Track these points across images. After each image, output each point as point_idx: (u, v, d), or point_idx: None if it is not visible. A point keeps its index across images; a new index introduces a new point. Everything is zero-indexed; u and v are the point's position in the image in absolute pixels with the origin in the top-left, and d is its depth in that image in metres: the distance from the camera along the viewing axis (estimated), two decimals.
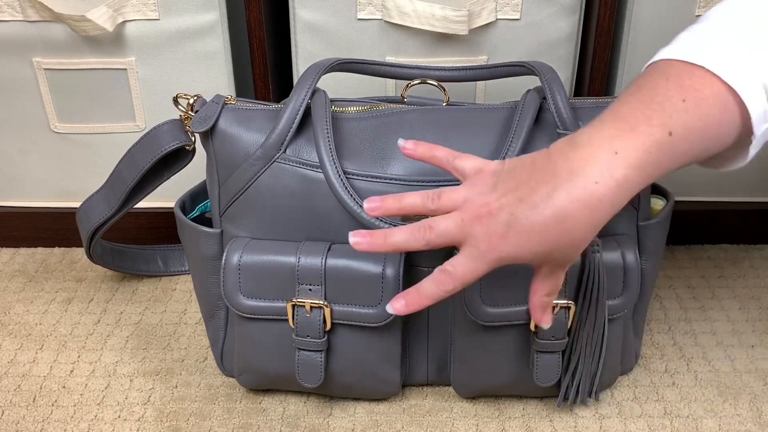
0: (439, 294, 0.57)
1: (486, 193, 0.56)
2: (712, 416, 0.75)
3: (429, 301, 0.58)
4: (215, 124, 0.71)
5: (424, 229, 0.57)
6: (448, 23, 0.86)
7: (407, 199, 0.59)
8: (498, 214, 0.54)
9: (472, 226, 0.55)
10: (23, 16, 0.88)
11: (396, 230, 0.58)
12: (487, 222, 0.54)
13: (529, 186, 0.54)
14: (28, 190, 1.02)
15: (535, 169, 0.55)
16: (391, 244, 0.58)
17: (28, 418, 0.76)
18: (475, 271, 0.56)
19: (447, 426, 0.74)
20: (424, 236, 0.57)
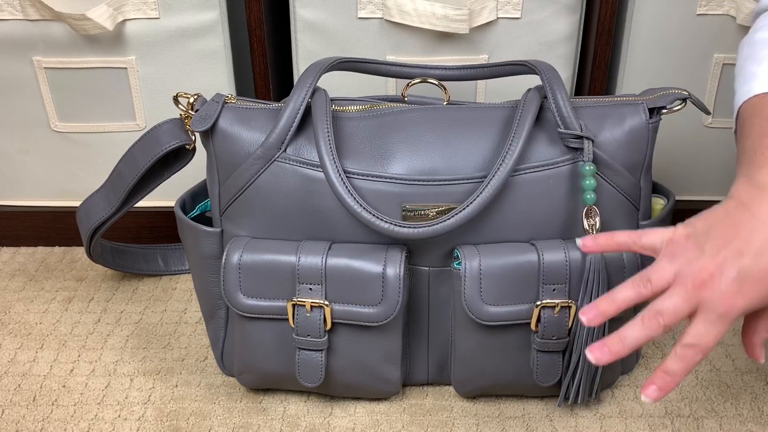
0: (688, 370, 0.56)
1: (696, 259, 0.56)
2: (713, 416, 0.75)
3: (680, 378, 0.56)
4: (215, 124, 0.71)
5: (654, 317, 0.56)
6: (448, 22, 0.86)
7: (620, 295, 0.58)
8: (723, 274, 0.54)
9: (700, 294, 0.55)
10: (23, 15, 0.88)
11: (629, 331, 0.57)
12: (714, 285, 0.54)
13: (741, 238, 0.55)
14: (28, 190, 1.02)
15: (736, 221, 0.56)
16: (629, 345, 0.57)
17: (28, 417, 0.76)
18: (719, 335, 0.55)
19: (447, 425, 0.74)
20: (659, 323, 0.56)
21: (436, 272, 0.72)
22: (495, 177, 0.67)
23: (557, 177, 0.69)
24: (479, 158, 0.70)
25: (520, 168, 0.69)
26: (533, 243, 0.69)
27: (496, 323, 0.69)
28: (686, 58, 0.91)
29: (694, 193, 1.01)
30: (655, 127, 0.72)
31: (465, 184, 0.69)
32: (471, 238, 0.70)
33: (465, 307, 0.69)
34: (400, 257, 0.69)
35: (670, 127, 0.93)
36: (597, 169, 0.69)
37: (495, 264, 0.68)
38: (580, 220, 0.70)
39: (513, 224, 0.70)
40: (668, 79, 0.92)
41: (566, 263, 0.68)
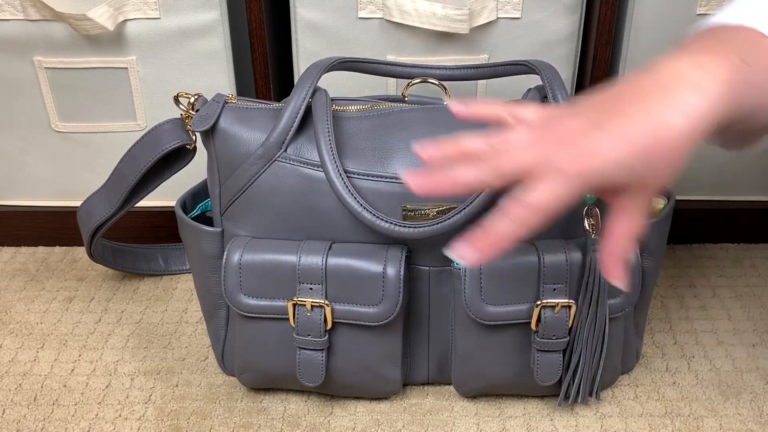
0: (518, 231, 0.48)
1: (561, 121, 0.50)
2: (713, 415, 0.75)
3: (507, 242, 0.48)
4: (216, 123, 0.71)
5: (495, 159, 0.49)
6: (449, 22, 0.86)
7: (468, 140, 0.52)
8: (584, 132, 0.48)
9: (553, 150, 0.48)
10: (24, 15, 0.88)
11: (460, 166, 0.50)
12: (571, 141, 0.48)
13: (615, 103, 0.49)
14: (28, 189, 1.02)
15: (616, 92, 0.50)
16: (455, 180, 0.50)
17: (29, 417, 0.76)
18: (560, 196, 0.48)
19: (448, 425, 0.74)
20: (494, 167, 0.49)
21: (437, 272, 0.72)
22: None
23: None
24: None
25: None
26: (533, 243, 0.69)
27: (496, 323, 0.69)
28: None
29: (694, 193, 1.01)
30: None
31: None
32: None
33: (465, 307, 0.69)
34: (401, 257, 0.69)
35: None
36: None
37: (495, 264, 0.68)
38: (581, 219, 0.70)
39: None
40: None
41: (566, 263, 0.68)
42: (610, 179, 0.48)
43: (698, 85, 0.48)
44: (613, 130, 0.48)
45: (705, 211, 1.01)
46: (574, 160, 0.48)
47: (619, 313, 0.71)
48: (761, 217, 1.01)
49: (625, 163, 0.48)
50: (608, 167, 0.48)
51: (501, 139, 0.51)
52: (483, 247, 0.49)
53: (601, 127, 0.48)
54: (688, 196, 1.00)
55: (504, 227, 0.48)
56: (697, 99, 0.48)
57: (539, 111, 0.54)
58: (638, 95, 0.49)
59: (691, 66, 0.49)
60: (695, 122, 0.48)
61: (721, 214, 1.01)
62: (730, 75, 0.49)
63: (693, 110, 0.48)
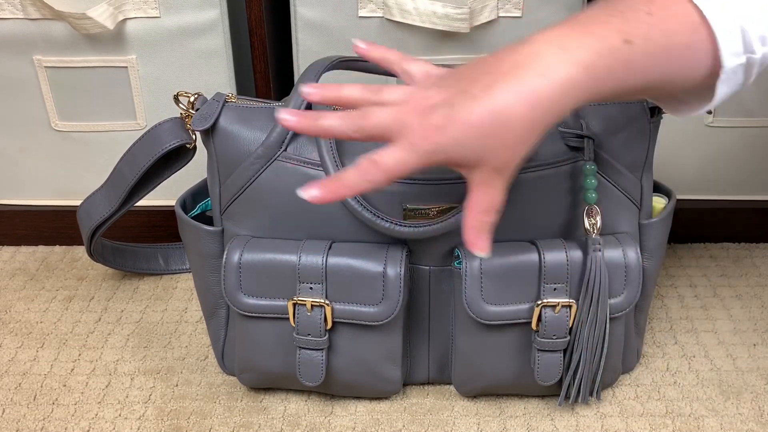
0: (362, 185, 0.52)
1: (428, 88, 0.52)
2: (714, 415, 0.75)
3: (349, 191, 0.52)
4: (216, 123, 0.71)
5: (358, 116, 0.52)
6: (449, 21, 0.86)
7: (347, 89, 0.55)
8: (437, 106, 0.50)
9: (409, 117, 0.51)
10: (24, 14, 0.88)
11: (328, 114, 0.53)
12: (425, 113, 0.51)
13: (472, 78, 0.51)
14: (28, 189, 1.02)
15: (481, 64, 0.52)
16: (320, 126, 0.54)
17: (28, 416, 0.76)
18: (405, 163, 0.51)
19: (448, 425, 0.74)
20: (356, 122, 0.52)
21: (437, 271, 0.72)
22: None
23: (558, 176, 0.69)
24: None
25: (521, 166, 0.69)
26: (534, 242, 0.69)
27: (496, 322, 0.69)
28: None
29: (695, 193, 1.01)
30: (656, 126, 0.72)
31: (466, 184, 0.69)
32: None
33: (466, 307, 0.69)
34: (401, 256, 0.69)
35: (671, 126, 0.93)
36: (598, 168, 0.69)
37: (496, 263, 0.68)
38: (581, 219, 0.70)
39: (514, 223, 0.70)
40: None
41: (567, 262, 0.68)
42: (453, 157, 0.51)
43: (548, 68, 0.49)
44: (458, 110, 0.49)
45: (705, 211, 1.01)
46: (422, 134, 0.50)
47: (620, 312, 0.71)
48: (762, 216, 1.01)
49: (465, 144, 0.50)
50: (450, 145, 0.50)
51: (377, 94, 0.54)
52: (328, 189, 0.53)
53: (452, 104, 0.50)
54: (688, 196, 1.00)
55: (351, 177, 0.52)
56: (542, 84, 0.48)
57: (424, 69, 0.56)
58: (493, 73, 0.50)
59: (550, 47, 0.50)
60: (538, 107, 0.48)
61: (721, 214, 1.01)
62: (596, 58, 0.49)
63: (536, 96, 0.48)
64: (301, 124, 0.54)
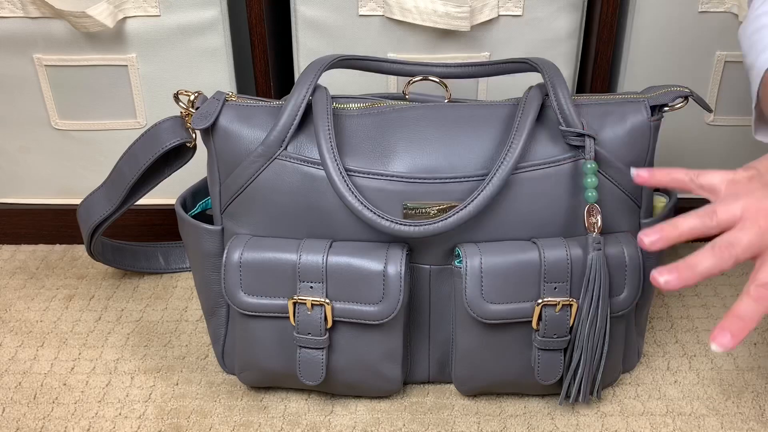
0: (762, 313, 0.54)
1: (765, 197, 0.54)
2: (715, 414, 0.75)
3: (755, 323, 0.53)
4: (216, 121, 0.71)
5: (727, 249, 0.54)
6: (450, 19, 0.86)
7: (684, 222, 0.56)
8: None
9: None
10: (24, 13, 0.88)
11: (699, 256, 0.54)
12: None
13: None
14: (28, 187, 1.02)
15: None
16: (700, 273, 0.54)
17: (28, 415, 0.76)
18: None
19: (448, 424, 0.74)
20: (730, 255, 0.54)
21: (437, 270, 0.72)
22: (496, 175, 0.67)
23: (559, 175, 0.69)
24: (480, 156, 0.69)
25: (521, 166, 0.69)
26: (534, 241, 0.69)
27: (497, 321, 0.69)
28: (688, 56, 0.91)
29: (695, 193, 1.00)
30: (657, 125, 0.72)
31: (466, 182, 0.69)
32: (472, 236, 0.70)
33: (466, 305, 0.68)
34: (401, 255, 0.69)
35: (672, 124, 0.93)
36: (599, 167, 0.69)
37: (496, 262, 0.68)
38: (582, 218, 0.70)
39: (514, 222, 0.70)
40: (670, 77, 0.91)
41: (567, 261, 0.68)
42: None
43: None
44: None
45: None
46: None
47: (621, 311, 0.71)
48: None
49: None
50: None
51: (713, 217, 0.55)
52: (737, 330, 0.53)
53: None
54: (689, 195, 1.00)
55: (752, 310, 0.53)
56: None
57: (724, 178, 0.58)
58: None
59: None
60: None
61: None
62: None
63: None
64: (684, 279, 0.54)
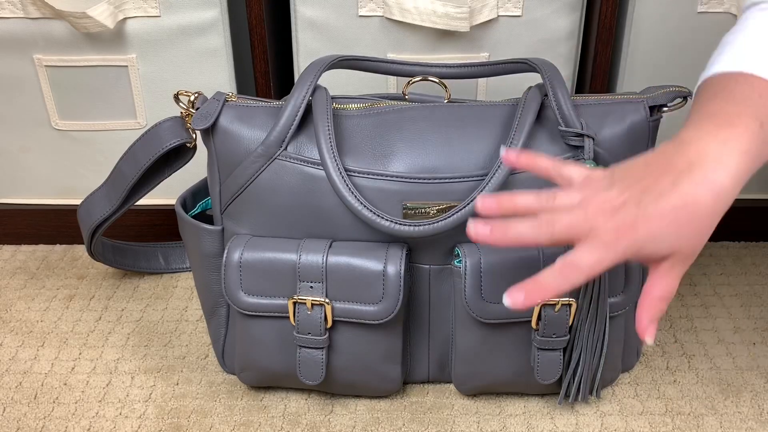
0: (563, 287, 0.55)
1: (604, 190, 0.56)
2: (714, 413, 0.75)
3: (551, 293, 0.55)
4: (216, 122, 0.71)
5: (547, 223, 0.55)
6: (449, 20, 0.86)
7: (523, 198, 0.58)
8: (624, 206, 0.54)
9: (596, 219, 0.54)
10: (24, 13, 0.88)
11: (518, 224, 0.56)
12: (612, 214, 0.54)
13: (651, 178, 0.55)
14: (29, 188, 1.02)
15: (650, 166, 0.56)
16: (511, 236, 0.56)
17: (29, 415, 0.76)
18: (601, 262, 0.54)
19: (448, 423, 0.74)
20: (547, 230, 0.55)
21: (437, 270, 0.72)
22: (496, 175, 0.67)
23: None
24: (480, 156, 0.70)
25: None
26: None
27: (496, 321, 0.69)
28: (687, 56, 0.91)
29: None
30: (656, 124, 0.72)
31: (466, 182, 0.69)
32: None
33: (465, 305, 0.69)
34: (401, 255, 0.69)
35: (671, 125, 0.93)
36: (598, 166, 0.69)
37: (495, 262, 0.68)
38: None
39: None
40: (669, 77, 0.91)
41: None
42: (647, 250, 0.54)
43: (721, 162, 0.54)
44: (648, 207, 0.53)
45: None
46: (615, 233, 0.54)
47: (620, 311, 0.71)
48: (762, 215, 1.01)
49: (660, 236, 0.54)
50: (645, 239, 0.54)
51: (551, 200, 0.57)
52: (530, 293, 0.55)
53: (638, 202, 0.54)
54: None
55: (552, 280, 0.55)
56: (721, 176, 0.54)
57: (582, 173, 0.59)
58: (669, 172, 0.54)
59: (712, 144, 0.55)
60: (721, 196, 0.54)
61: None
62: (750, 144, 0.55)
63: (719, 186, 0.54)
64: (494, 236, 0.56)
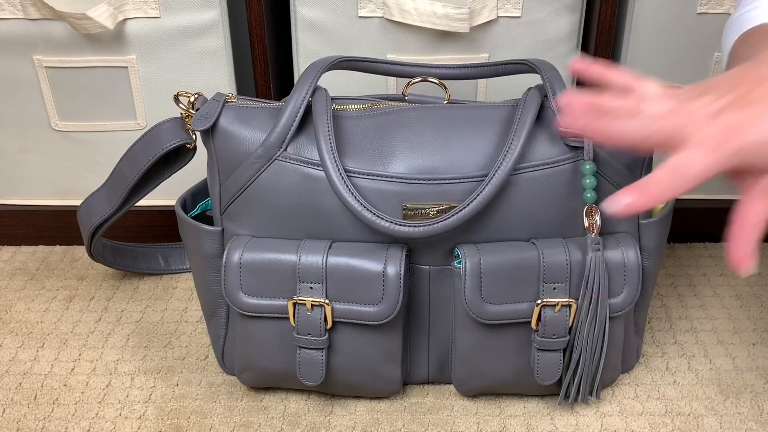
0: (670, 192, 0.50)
1: (696, 98, 0.51)
2: (713, 414, 0.75)
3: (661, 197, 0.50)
4: (216, 123, 0.71)
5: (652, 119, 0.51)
6: (449, 21, 0.86)
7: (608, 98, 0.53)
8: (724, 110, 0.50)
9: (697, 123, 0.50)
10: (24, 14, 0.88)
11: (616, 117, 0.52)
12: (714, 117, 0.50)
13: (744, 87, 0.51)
14: (29, 189, 1.02)
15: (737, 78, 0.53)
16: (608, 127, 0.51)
17: (29, 416, 0.76)
18: (709, 169, 0.50)
19: (448, 424, 0.74)
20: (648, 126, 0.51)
21: (437, 271, 0.72)
22: (495, 176, 0.67)
23: (558, 176, 0.69)
24: (480, 157, 0.70)
25: (520, 167, 0.69)
26: (534, 241, 0.69)
27: (496, 322, 0.69)
28: (686, 57, 0.91)
29: (694, 192, 1.01)
30: None
31: (465, 183, 0.69)
32: (471, 237, 0.70)
33: (465, 306, 0.69)
34: (401, 256, 0.69)
35: None
36: (597, 167, 0.69)
37: (495, 262, 0.68)
38: (581, 218, 0.70)
39: (513, 223, 0.70)
40: (669, 78, 0.92)
41: (567, 262, 0.68)
42: (751, 159, 0.50)
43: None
44: (752, 111, 0.50)
45: (705, 210, 1.01)
46: (721, 137, 0.50)
47: (620, 312, 0.71)
48: None
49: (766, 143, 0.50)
50: (753, 147, 0.50)
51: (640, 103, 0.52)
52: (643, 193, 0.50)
53: (740, 108, 0.50)
54: (688, 195, 1.00)
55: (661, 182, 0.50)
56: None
57: (661, 88, 0.55)
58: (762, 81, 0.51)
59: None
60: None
61: (721, 213, 1.01)
62: None
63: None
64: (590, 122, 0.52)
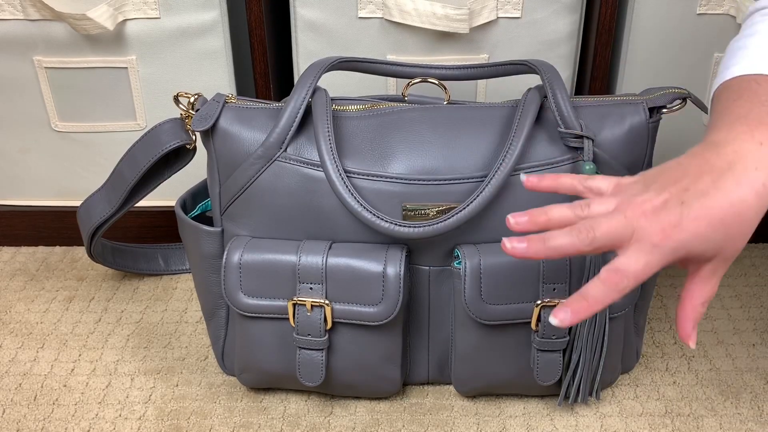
0: (612, 297, 0.53)
1: (640, 193, 0.54)
2: (713, 415, 0.75)
3: (600, 306, 0.53)
4: (216, 123, 0.71)
5: (586, 230, 0.53)
6: (448, 21, 0.86)
7: (554, 210, 0.56)
8: (665, 206, 0.52)
9: (638, 222, 0.52)
10: (24, 15, 0.88)
11: (556, 234, 0.54)
12: (655, 214, 0.52)
13: (688, 179, 0.53)
14: (28, 189, 1.02)
15: (684, 167, 0.54)
16: (551, 247, 0.54)
17: (29, 416, 0.76)
18: (648, 265, 0.52)
19: (448, 424, 0.74)
20: (588, 236, 0.53)
21: (437, 271, 0.72)
22: (495, 176, 0.67)
23: None
24: (479, 158, 0.70)
25: (520, 167, 0.69)
26: None
27: (496, 322, 0.69)
28: (686, 58, 0.91)
29: None
30: (655, 126, 0.72)
31: (465, 184, 0.69)
32: (471, 237, 0.70)
33: (465, 306, 0.69)
34: (401, 256, 0.69)
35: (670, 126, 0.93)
36: (597, 168, 0.69)
37: (495, 263, 0.68)
38: None
39: None
40: (668, 79, 0.92)
41: (566, 262, 0.68)
42: (694, 251, 0.53)
43: (761, 161, 0.53)
44: (692, 206, 0.52)
45: None
46: (662, 233, 0.52)
47: (619, 312, 0.71)
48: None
49: (707, 236, 0.52)
50: (692, 240, 0.52)
51: (586, 208, 0.55)
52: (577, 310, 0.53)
53: (681, 203, 0.52)
54: None
55: (598, 292, 0.53)
56: (762, 175, 0.53)
57: (611, 182, 0.58)
58: (708, 172, 0.53)
59: (751, 144, 0.54)
60: (763, 196, 0.53)
61: None
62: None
63: (761, 185, 0.53)
64: (533, 249, 0.54)
